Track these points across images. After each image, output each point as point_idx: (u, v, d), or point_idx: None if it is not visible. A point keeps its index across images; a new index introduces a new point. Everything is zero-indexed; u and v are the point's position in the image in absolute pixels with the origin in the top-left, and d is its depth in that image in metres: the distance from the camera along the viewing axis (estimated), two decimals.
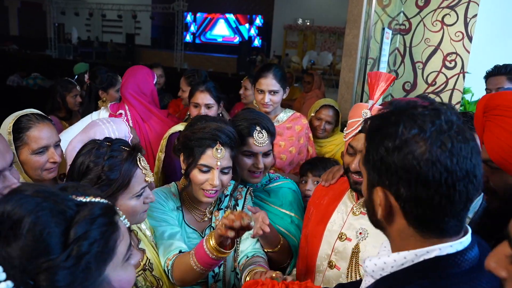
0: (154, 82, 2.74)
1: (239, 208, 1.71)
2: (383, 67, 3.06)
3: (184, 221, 1.64)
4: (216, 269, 1.64)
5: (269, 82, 2.36)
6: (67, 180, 1.35)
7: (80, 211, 0.73)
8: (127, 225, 0.87)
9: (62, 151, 1.76)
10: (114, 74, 3.07)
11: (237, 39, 19.84)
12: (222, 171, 1.53)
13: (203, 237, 1.59)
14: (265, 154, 1.76)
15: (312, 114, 2.82)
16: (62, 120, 3.20)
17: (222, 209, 1.69)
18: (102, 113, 2.65)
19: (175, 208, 1.63)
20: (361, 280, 1.04)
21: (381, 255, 0.85)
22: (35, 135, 1.62)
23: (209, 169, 1.51)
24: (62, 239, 0.69)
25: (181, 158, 1.60)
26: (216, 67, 14.83)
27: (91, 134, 1.75)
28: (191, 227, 1.64)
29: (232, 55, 16.63)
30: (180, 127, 2.38)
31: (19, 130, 1.61)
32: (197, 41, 21.12)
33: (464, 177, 0.74)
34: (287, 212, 1.82)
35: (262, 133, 1.72)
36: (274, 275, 1.27)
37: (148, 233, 1.55)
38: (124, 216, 0.87)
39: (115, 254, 0.77)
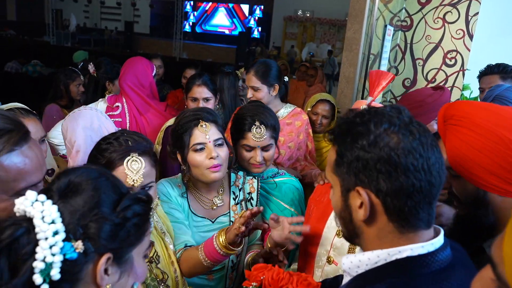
0: (153, 74, 2.73)
1: (254, 201, 1.78)
2: (384, 64, 3.07)
3: (191, 209, 1.68)
4: (235, 259, 1.72)
5: (250, 78, 2.41)
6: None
7: (131, 192, 0.86)
8: (152, 228, 0.95)
9: (47, 146, 1.76)
10: (118, 64, 3.06)
11: (236, 30, 19.74)
12: (216, 144, 1.58)
13: (213, 222, 1.68)
14: (265, 148, 1.79)
15: (309, 109, 2.84)
16: (64, 108, 3.20)
17: (239, 203, 1.75)
18: (100, 105, 2.65)
19: (180, 196, 1.67)
20: (341, 275, 1.07)
21: (357, 253, 0.89)
22: None
23: (202, 145, 1.56)
24: (114, 204, 0.80)
25: (179, 158, 1.63)
26: (215, 57, 14.75)
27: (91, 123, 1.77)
28: (198, 216, 1.68)
29: (231, 46, 16.55)
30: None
31: None
32: (197, 30, 21.00)
33: (434, 163, 0.79)
34: (288, 207, 1.85)
35: (260, 128, 1.75)
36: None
37: (158, 225, 1.57)
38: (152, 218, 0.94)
39: (143, 240, 0.86)
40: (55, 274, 0.71)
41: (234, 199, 1.76)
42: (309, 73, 5.50)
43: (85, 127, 1.72)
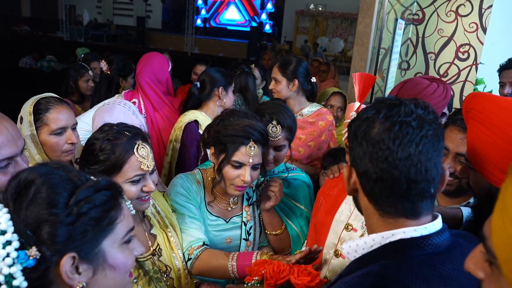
0: (169, 70, 2.74)
1: (254, 197, 1.79)
2: (395, 58, 3.05)
3: (207, 208, 1.69)
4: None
5: (274, 69, 2.48)
6: (80, 157, 1.40)
7: (87, 182, 0.80)
8: (132, 212, 0.93)
9: (78, 134, 1.82)
10: (130, 61, 3.09)
11: (248, 24, 19.70)
12: (253, 167, 1.57)
13: (227, 222, 1.69)
14: (277, 148, 1.78)
15: (323, 103, 2.85)
16: (75, 103, 3.24)
17: (252, 204, 1.76)
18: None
19: (198, 193, 1.68)
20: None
21: (355, 238, 0.92)
22: (54, 116, 1.68)
23: (241, 165, 1.55)
24: (66, 201, 0.76)
25: (211, 151, 1.63)
26: (226, 52, 14.78)
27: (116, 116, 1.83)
28: (213, 215, 1.69)
29: (242, 40, 16.53)
30: (193, 116, 2.40)
31: (39, 111, 1.67)
32: (208, 25, 21.01)
33: (405, 158, 0.80)
34: (298, 205, 1.85)
35: (276, 127, 1.74)
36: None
37: (162, 219, 1.59)
38: (129, 202, 0.92)
39: (113, 230, 0.82)
40: (20, 282, 0.70)
41: (247, 200, 1.77)
42: (321, 68, 5.48)
43: (110, 121, 1.79)
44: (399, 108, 0.84)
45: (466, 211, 1.45)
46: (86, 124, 2.24)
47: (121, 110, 1.94)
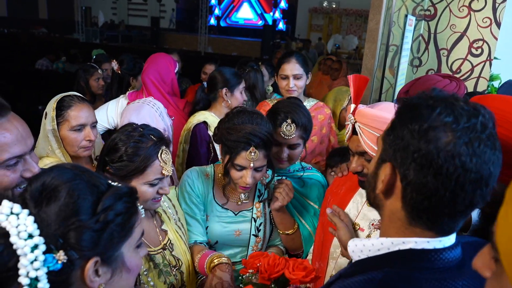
0: (176, 71, 2.75)
1: (265, 194, 1.82)
2: (405, 55, 3.01)
3: (215, 200, 1.73)
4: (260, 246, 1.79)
5: (292, 66, 2.39)
6: (100, 154, 1.44)
7: (110, 188, 0.83)
8: (143, 215, 0.94)
9: (98, 132, 1.88)
10: (140, 60, 3.10)
11: (261, 22, 19.67)
12: (256, 169, 1.61)
13: (236, 215, 1.75)
14: (291, 146, 1.79)
15: (344, 107, 2.82)
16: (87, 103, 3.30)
17: (263, 201, 1.79)
18: (121, 101, 2.71)
19: (204, 185, 1.73)
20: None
21: (363, 238, 0.90)
22: (75, 113, 1.78)
23: (243, 168, 1.59)
24: (93, 207, 0.78)
25: (220, 147, 1.68)
26: (240, 51, 14.77)
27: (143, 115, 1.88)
28: (221, 206, 1.74)
29: (256, 39, 16.51)
30: (202, 117, 2.41)
31: (61, 108, 1.77)
32: (222, 24, 21.05)
33: (476, 180, 0.72)
34: (312, 204, 1.86)
35: (291, 126, 1.75)
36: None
37: (173, 216, 1.64)
38: (142, 206, 0.94)
39: (132, 234, 0.86)
40: (43, 286, 0.71)
41: (259, 197, 1.79)
42: (333, 66, 5.42)
43: (135, 120, 1.83)
44: (477, 119, 0.74)
45: (474, 214, 1.43)
46: (99, 120, 2.29)
47: (148, 110, 1.99)
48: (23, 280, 0.70)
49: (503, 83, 2.74)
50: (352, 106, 1.41)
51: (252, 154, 1.56)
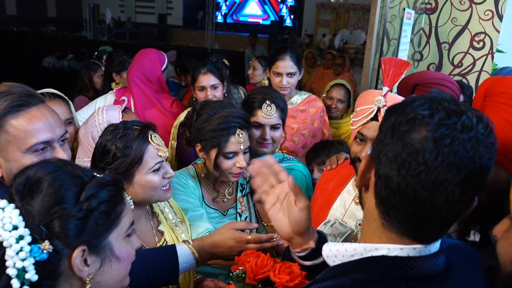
0: (164, 67, 2.71)
1: (247, 188, 1.80)
2: (404, 49, 2.98)
3: (205, 202, 1.73)
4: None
5: (287, 64, 2.39)
6: (92, 162, 1.44)
7: (94, 178, 0.84)
8: (132, 207, 0.96)
9: (75, 127, 1.88)
10: (128, 57, 3.08)
11: (268, 19, 19.59)
12: (244, 152, 1.62)
13: (224, 215, 1.74)
14: (273, 127, 1.83)
15: (324, 95, 2.83)
16: (91, 99, 3.33)
17: (246, 195, 1.80)
18: (108, 98, 2.70)
19: (195, 189, 1.72)
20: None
21: (337, 243, 0.85)
22: None
23: (234, 154, 1.59)
24: (76, 196, 0.79)
25: (197, 147, 1.67)
26: (247, 47, 14.73)
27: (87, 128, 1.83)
28: (212, 208, 1.73)
29: (263, 35, 16.44)
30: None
31: None
32: (228, 20, 21.01)
33: (441, 183, 0.67)
34: None
35: (271, 106, 1.81)
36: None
37: (170, 216, 1.62)
38: (130, 197, 0.95)
39: (119, 223, 0.86)
40: (31, 276, 0.73)
41: (241, 191, 1.80)
42: (337, 62, 5.40)
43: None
44: (458, 118, 0.68)
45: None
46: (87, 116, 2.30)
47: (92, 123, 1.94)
48: (11, 271, 0.71)
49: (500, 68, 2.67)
50: (385, 89, 1.35)
51: (240, 135, 1.58)
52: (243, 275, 1.15)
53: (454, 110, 0.69)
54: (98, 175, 0.86)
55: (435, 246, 0.77)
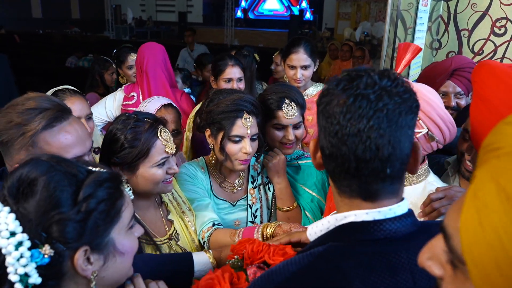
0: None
1: (259, 180, 1.79)
2: (421, 37, 2.90)
3: (213, 193, 1.72)
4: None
5: (301, 57, 2.37)
6: (102, 148, 1.45)
7: (90, 175, 0.81)
8: (131, 197, 0.94)
9: (94, 124, 1.90)
10: (128, 50, 3.06)
11: (288, 13, 19.49)
12: (252, 138, 1.59)
13: (233, 206, 1.72)
14: (295, 126, 1.77)
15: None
16: (101, 96, 3.38)
17: (257, 187, 1.78)
18: (118, 94, 2.72)
19: (204, 180, 1.71)
20: None
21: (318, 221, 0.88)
22: None
23: (240, 138, 1.56)
24: (73, 197, 0.77)
25: (207, 133, 1.65)
26: (267, 42, 14.71)
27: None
28: (220, 199, 1.72)
29: (283, 30, 16.38)
30: None
31: None
32: (249, 16, 21.01)
33: (354, 134, 0.74)
34: (309, 191, 1.82)
35: (291, 105, 1.72)
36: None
37: (179, 205, 1.63)
38: (129, 187, 0.94)
39: (120, 218, 0.85)
40: (35, 280, 0.72)
41: (252, 183, 1.78)
42: (356, 54, 5.30)
43: None
44: (360, 80, 0.76)
45: None
46: (98, 114, 2.36)
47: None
48: (13, 278, 0.70)
49: None
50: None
51: (247, 119, 1.55)
52: (239, 263, 1.15)
53: (356, 75, 0.77)
54: (93, 170, 0.84)
55: (401, 209, 0.79)
